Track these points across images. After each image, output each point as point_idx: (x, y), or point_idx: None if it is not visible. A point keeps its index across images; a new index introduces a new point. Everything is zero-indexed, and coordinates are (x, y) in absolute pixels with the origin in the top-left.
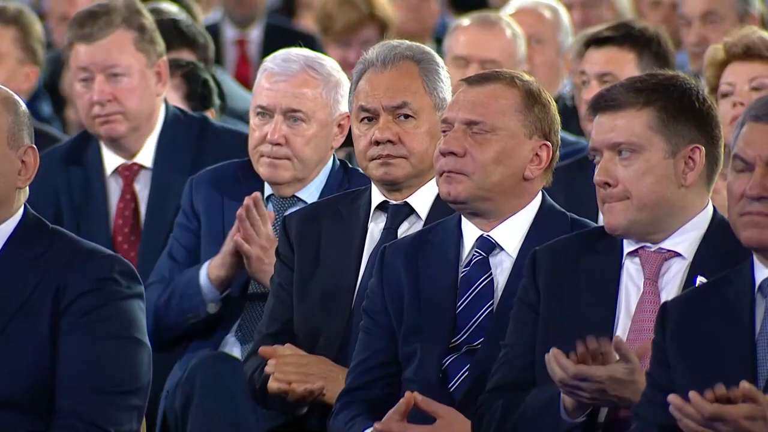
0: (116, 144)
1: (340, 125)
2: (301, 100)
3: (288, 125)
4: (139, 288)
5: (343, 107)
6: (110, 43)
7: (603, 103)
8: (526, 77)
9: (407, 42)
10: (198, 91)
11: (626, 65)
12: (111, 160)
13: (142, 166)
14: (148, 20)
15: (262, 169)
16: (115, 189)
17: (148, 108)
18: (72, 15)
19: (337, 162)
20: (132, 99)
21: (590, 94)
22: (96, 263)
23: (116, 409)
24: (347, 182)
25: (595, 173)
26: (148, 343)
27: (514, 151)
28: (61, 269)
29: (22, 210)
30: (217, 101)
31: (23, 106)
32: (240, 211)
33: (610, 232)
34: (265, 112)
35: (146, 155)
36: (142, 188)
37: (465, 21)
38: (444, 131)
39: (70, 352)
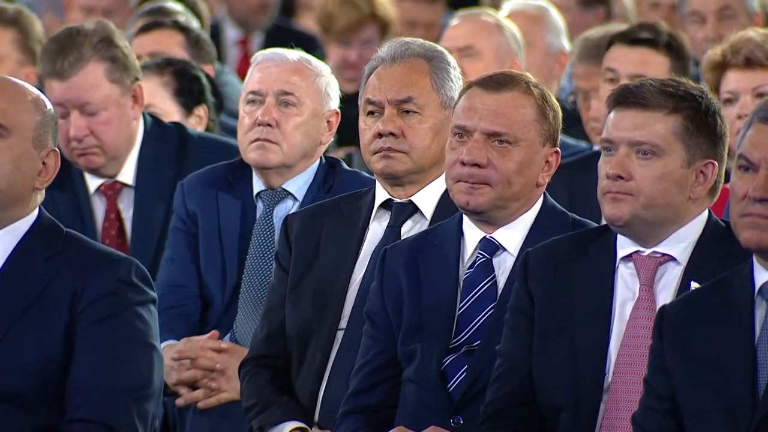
0: (96, 171)
1: (329, 121)
2: (293, 85)
3: (279, 109)
4: (153, 293)
5: (333, 105)
6: (83, 80)
7: (631, 99)
8: (535, 80)
9: (420, 40)
10: (188, 88)
11: (658, 68)
12: (93, 180)
13: (124, 184)
14: (120, 47)
15: (251, 154)
16: (99, 209)
17: (125, 136)
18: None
19: (324, 160)
20: (109, 132)
21: None
22: (113, 267)
23: (128, 414)
24: (332, 179)
25: (609, 165)
26: (160, 348)
27: (532, 161)
28: (78, 273)
29: (37, 211)
30: (210, 98)
31: (51, 109)
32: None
33: (609, 223)
34: (256, 98)
35: (128, 172)
36: (126, 207)
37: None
38: (458, 135)
39: (84, 355)
